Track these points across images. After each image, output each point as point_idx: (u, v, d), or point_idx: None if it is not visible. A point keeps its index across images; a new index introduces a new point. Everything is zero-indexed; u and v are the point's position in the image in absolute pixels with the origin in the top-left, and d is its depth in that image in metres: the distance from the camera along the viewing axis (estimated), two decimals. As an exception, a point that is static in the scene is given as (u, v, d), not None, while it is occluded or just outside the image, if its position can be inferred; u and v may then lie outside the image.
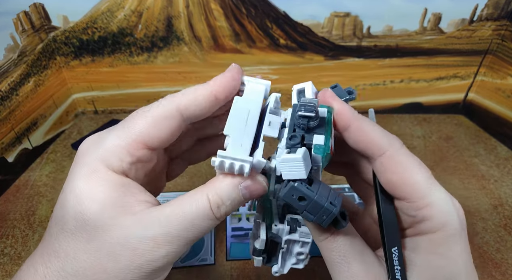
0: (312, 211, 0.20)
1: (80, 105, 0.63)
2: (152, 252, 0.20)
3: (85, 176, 0.20)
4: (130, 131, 0.21)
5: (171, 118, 0.22)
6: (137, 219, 0.20)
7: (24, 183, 0.50)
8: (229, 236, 0.42)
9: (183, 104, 0.22)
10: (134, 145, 0.21)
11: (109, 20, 0.53)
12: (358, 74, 0.60)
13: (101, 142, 0.21)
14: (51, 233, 0.21)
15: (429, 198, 0.21)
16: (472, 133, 0.60)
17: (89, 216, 0.20)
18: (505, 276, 0.38)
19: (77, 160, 0.21)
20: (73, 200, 0.20)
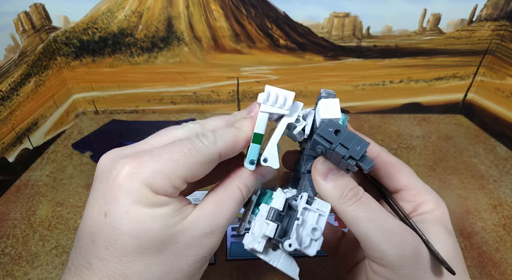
0: (345, 143, 0.22)
1: (80, 105, 0.63)
2: (211, 243, 0.23)
3: (139, 201, 0.21)
4: (176, 167, 0.22)
5: (212, 162, 0.24)
6: (192, 221, 0.23)
7: (25, 183, 0.50)
8: (229, 236, 0.42)
9: (224, 151, 0.24)
10: (178, 180, 0.22)
11: (109, 21, 0.53)
12: (358, 74, 0.60)
13: (147, 166, 0.22)
14: (103, 258, 0.21)
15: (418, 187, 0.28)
16: (471, 133, 0.60)
17: (154, 233, 0.21)
18: (504, 275, 0.38)
19: (121, 184, 0.21)
20: (132, 223, 0.21)
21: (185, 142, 0.23)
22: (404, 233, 0.23)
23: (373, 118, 0.63)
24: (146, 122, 0.61)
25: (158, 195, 0.22)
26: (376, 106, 0.63)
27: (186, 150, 0.22)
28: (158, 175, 0.22)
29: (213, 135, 0.24)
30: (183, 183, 0.23)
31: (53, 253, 0.40)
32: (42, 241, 0.41)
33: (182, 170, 0.22)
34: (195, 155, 0.23)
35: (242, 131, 0.25)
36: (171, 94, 0.62)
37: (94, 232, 0.21)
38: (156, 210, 0.22)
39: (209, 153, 0.23)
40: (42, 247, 0.41)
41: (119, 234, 0.21)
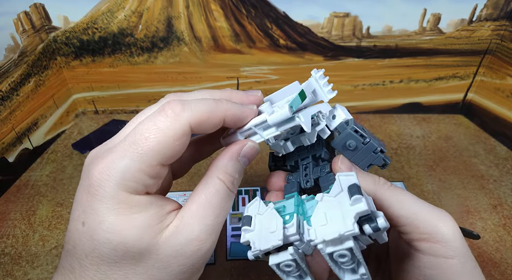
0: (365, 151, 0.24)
1: (80, 105, 0.63)
2: (200, 250, 0.21)
3: (112, 209, 0.20)
4: (145, 154, 0.20)
5: (184, 136, 0.21)
6: (174, 229, 0.21)
7: (25, 183, 0.50)
8: (229, 236, 0.42)
9: (196, 121, 0.21)
10: (151, 167, 0.20)
11: (109, 21, 0.53)
12: (358, 74, 0.60)
13: (114, 167, 0.20)
14: (83, 265, 0.20)
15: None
16: (471, 133, 0.60)
17: (131, 244, 0.20)
18: (504, 275, 0.38)
19: (94, 192, 0.20)
20: (107, 233, 0.20)
21: (146, 124, 0.20)
22: (441, 210, 0.24)
23: (373, 118, 0.63)
24: (146, 122, 0.61)
25: (135, 195, 0.20)
26: (376, 106, 0.63)
27: (148, 132, 0.20)
28: (128, 173, 0.20)
29: (179, 105, 0.21)
30: (160, 169, 0.21)
31: (53, 253, 0.40)
32: (42, 241, 0.41)
33: (151, 156, 0.20)
34: (159, 135, 0.20)
35: (223, 106, 0.22)
36: (171, 94, 0.62)
37: (74, 239, 0.21)
38: (133, 217, 0.20)
39: (176, 127, 0.20)
40: (42, 247, 0.41)
41: (95, 244, 0.20)
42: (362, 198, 0.20)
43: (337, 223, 0.20)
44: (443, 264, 0.23)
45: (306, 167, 0.27)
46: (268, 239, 0.22)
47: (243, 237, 0.23)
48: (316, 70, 0.26)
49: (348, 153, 0.26)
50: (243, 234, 0.23)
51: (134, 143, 0.20)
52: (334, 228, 0.20)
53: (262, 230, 0.23)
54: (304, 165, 0.28)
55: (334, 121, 0.26)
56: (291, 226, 0.22)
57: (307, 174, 0.27)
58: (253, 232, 0.23)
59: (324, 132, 0.26)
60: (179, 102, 0.21)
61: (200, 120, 0.21)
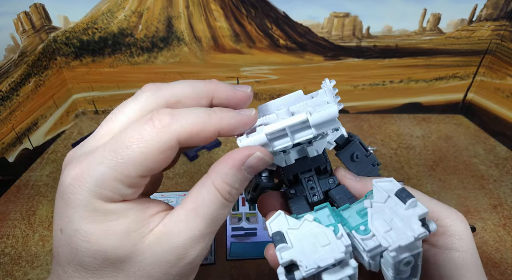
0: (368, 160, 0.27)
1: (80, 105, 0.63)
2: (186, 258, 0.20)
3: (87, 217, 0.19)
4: (124, 164, 0.18)
5: (169, 149, 0.19)
6: (157, 235, 0.19)
7: (25, 183, 0.50)
8: (229, 236, 0.42)
9: (184, 136, 0.19)
10: (130, 178, 0.19)
11: (109, 21, 0.53)
12: (358, 74, 0.60)
13: (89, 174, 0.18)
14: (66, 271, 0.20)
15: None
16: (471, 133, 0.60)
17: (109, 252, 0.19)
18: (504, 275, 0.38)
19: (67, 198, 0.19)
20: (84, 242, 0.19)
21: (130, 132, 0.19)
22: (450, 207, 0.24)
23: (373, 118, 0.63)
24: (146, 122, 0.61)
25: (111, 203, 0.19)
26: (376, 106, 0.63)
27: (130, 141, 0.18)
28: (104, 181, 0.18)
29: (168, 117, 0.19)
30: (139, 180, 0.19)
31: (53, 253, 0.40)
32: (42, 241, 0.41)
33: (131, 167, 0.18)
34: (142, 146, 0.18)
35: (216, 117, 0.20)
36: (171, 94, 0.62)
37: (57, 245, 0.20)
38: (110, 225, 0.19)
39: (161, 140, 0.19)
40: (42, 247, 0.41)
41: (74, 252, 0.19)
42: (417, 201, 0.19)
43: (404, 228, 0.19)
44: (458, 258, 0.23)
45: (309, 180, 0.26)
46: (322, 254, 0.19)
47: (280, 257, 0.19)
48: (328, 81, 0.24)
49: (351, 165, 0.26)
50: (279, 254, 0.19)
51: (114, 150, 0.18)
52: (405, 233, 0.19)
53: (305, 246, 0.20)
54: (306, 178, 0.26)
55: (335, 133, 0.26)
56: (341, 236, 0.20)
57: (313, 187, 0.26)
58: (292, 249, 0.20)
59: (330, 144, 0.26)
60: (168, 114, 0.19)
61: (190, 135, 0.19)
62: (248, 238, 0.42)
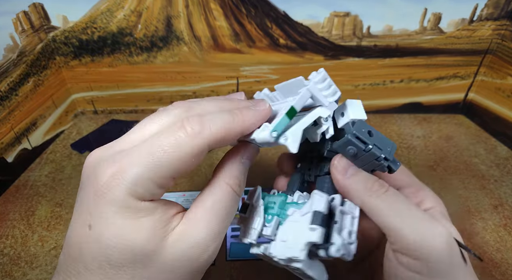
0: (379, 144, 0.23)
1: (79, 105, 0.63)
2: (205, 254, 0.22)
3: (120, 213, 0.20)
4: (160, 166, 0.20)
5: (201, 154, 0.21)
6: (181, 232, 0.21)
7: (24, 183, 0.49)
8: (229, 236, 0.42)
9: (213, 141, 0.21)
10: (163, 179, 0.21)
11: (108, 20, 0.53)
12: (358, 74, 0.60)
13: (127, 173, 0.20)
14: (90, 268, 0.20)
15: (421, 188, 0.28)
16: (472, 133, 0.60)
17: (138, 247, 0.20)
18: (505, 276, 0.38)
19: (101, 194, 0.20)
20: (115, 237, 0.20)
21: (165, 137, 0.20)
22: (436, 224, 0.22)
23: (374, 118, 0.63)
24: (145, 122, 0.61)
25: (142, 202, 0.20)
26: (377, 105, 0.63)
27: (167, 146, 0.20)
28: (140, 180, 0.20)
29: (199, 122, 0.21)
30: (169, 181, 0.21)
31: (52, 253, 0.40)
32: (41, 241, 0.41)
33: (166, 169, 0.20)
34: (177, 151, 0.20)
35: (239, 119, 0.22)
36: (171, 94, 0.62)
37: (81, 242, 0.21)
38: (141, 221, 0.20)
39: (195, 145, 0.20)
40: (41, 248, 0.41)
41: (103, 247, 0.20)
42: (318, 229, 0.21)
43: (292, 245, 0.22)
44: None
45: (311, 161, 0.27)
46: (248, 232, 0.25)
47: (237, 220, 0.27)
48: (315, 74, 0.24)
49: (349, 158, 0.25)
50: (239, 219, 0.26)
51: (151, 153, 0.20)
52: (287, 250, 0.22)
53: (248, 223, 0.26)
54: (310, 157, 0.27)
55: (342, 119, 0.25)
56: (268, 227, 0.24)
57: (311, 168, 0.27)
58: (244, 218, 0.26)
59: (328, 132, 0.25)
60: (198, 121, 0.21)
61: (218, 139, 0.21)
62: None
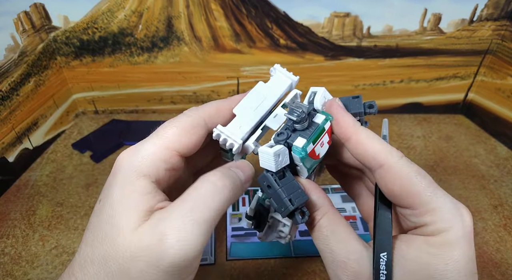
0: (275, 200, 0.23)
1: (80, 105, 0.63)
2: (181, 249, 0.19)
3: (119, 184, 0.22)
4: (164, 140, 0.23)
5: (199, 127, 0.24)
6: (152, 220, 0.21)
7: (25, 183, 0.50)
8: (229, 236, 0.42)
9: (208, 115, 0.25)
10: (168, 152, 0.23)
11: (109, 20, 0.53)
12: (358, 74, 0.60)
13: (137, 152, 0.23)
14: (86, 241, 0.22)
15: (430, 205, 0.22)
16: (472, 133, 0.60)
17: (118, 222, 0.21)
18: (505, 276, 0.38)
19: (116, 169, 0.22)
20: (108, 208, 0.21)
21: (168, 121, 0.24)
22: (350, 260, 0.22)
23: (374, 118, 0.63)
24: (146, 122, 0.61)
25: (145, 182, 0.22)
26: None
27: (168, 123, 0.24)
28: (146, 155, 0.22)
29: (195, 107, 0.25)
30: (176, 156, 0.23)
31: (53, 253, 0.40)
32: (42, 241, 0.41)
33: (169, 140, 0.23)
34: (178, 125, 0.24)
35: (227, 99, 0.26)
36: (171, 94, 0.62)
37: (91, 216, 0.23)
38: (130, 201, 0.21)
39: (190, 120, 0.24)
40: (42, 247, 0.41)
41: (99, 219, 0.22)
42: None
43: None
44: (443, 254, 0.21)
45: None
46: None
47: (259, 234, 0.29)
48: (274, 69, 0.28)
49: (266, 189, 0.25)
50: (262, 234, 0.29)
51: (156, 133, 0.24)
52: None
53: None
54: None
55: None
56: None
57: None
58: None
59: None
60: (195, 107, 0.25)
61: (211, 113, 0.25)
62: (248, 238, 0.41)
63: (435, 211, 0.21)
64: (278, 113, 0.26)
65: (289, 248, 0.40)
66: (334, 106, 0.25)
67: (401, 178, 0.22)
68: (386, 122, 0.30)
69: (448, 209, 0.22)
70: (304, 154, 0.23)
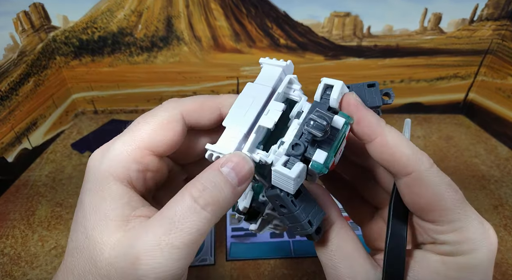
0: (289, 220, 0.20)
1: (80, 105, 0.63)
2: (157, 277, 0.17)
3: (89, 190, 0.20)
4: (135, 137, 0.20)
5: (174, 122, 0.21)
6: (127, 235, 0.18)
7: (24, 183, 0.49)
8: (229, 236, 0.42)
9: (187, 109, 0.22)
10: (139, 151, 0.20)
11: (109, 20, 0.53)
12: (358, 74, 0.60)
13: (107, 151, 0.20)
14: (68, 249, 0.20)
15: (457, 223, 0.19)
16: (472, 133, 0.60)
17: (92, 235, 0.18)
18: (505, 276, 0.38)
19: (86, 172, 0.20)
20: (82, 218, 0.19)
21: (143, 115, 0.22)
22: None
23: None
24: (145, 122, 0.61)
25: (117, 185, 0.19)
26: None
27: (141, 118, 0.21)
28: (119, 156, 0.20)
29: (174, 99, 0.22)
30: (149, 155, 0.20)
31: (52, 253, 0.40)
32: (41, 241, 0.41)
33: (140, 139, 0.20)
34: (151, 120, 0.21)
35: (215, 97, 0.23)
36: (171, 94, 0.61)
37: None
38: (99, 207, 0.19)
39: (166, 114, 0.21)
40: (41, 248, 0.41)
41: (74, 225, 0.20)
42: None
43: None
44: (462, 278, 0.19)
45: None
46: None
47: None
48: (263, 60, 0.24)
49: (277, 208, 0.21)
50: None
51: (128, 129, 0.21)
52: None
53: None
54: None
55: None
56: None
57: None
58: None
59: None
60: (175, 98, 0.22)
61: (192, 109, 0.22)
62: (248, 238, 0.41)
63: (462, 231, 0.19)
64: (271, 109, 0.21)
65: (289, 248, 0.40)
66: (353, 104, 0.22)
67: (430, 190, 0.20)
68: (408, 123, 0.26)
69: (475, 229, 0.19)
70: (325, 171, 0.19)
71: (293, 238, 0.42)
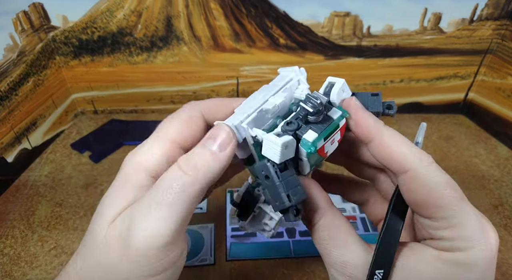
0: (271, 193, 0.21)
1: (79, 105, 0.63)
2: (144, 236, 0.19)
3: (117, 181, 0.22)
4: (163, 134, 0.23)
5: (196, 118, 0.24)
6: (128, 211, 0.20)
7: (24, 183, 0.49)
8: (229, 236, 0.42)
9: (205, 107, 0.24)
10: (168, 146, 0.22)
11: (108, 20, 0.53)
12: (358, 74, 0.60)
13: (139, 148, 0.23)
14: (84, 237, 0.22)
15: (453, 220, 0.20)
16: (472, 133, 0.60)
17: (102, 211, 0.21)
18: (505, 276, 0.38)
19: (120, 170, 0.23)
20: (102, 199, 0.22)
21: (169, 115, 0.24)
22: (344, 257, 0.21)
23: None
24: (145, 122, 0.61)
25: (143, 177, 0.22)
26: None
27: (169, 118, 0.24)
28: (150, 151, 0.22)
29: (193, 102, 0.25)
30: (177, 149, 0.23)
31: (52, 253, 0.40)
32: (41, 241, 0.41)
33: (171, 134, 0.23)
34: (176, 117, 0.24)
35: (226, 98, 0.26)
36: (171, 94, 0.61)
37: None
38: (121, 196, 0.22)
39: (190, 111, 0.24)
40: (41, 248, 0.40)
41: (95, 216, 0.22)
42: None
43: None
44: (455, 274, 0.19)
45: None
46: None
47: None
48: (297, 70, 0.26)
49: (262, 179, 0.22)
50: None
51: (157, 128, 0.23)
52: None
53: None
54: None
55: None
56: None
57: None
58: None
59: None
60: (193, 101, 0.25)
61: (209, 106, 0.24)
62: (248, 238, 0.41)
63: (457, 227, 0.19)
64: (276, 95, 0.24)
65: (289, 248, 0.40)
66: (352, 105, 0.23)
67: (428, 187, 0.20)
68: (423, 127, 0.26)
69: (472, 227, 0.20)
70: (313, 150, 0.21)
71: (293, 238, 0.42)
